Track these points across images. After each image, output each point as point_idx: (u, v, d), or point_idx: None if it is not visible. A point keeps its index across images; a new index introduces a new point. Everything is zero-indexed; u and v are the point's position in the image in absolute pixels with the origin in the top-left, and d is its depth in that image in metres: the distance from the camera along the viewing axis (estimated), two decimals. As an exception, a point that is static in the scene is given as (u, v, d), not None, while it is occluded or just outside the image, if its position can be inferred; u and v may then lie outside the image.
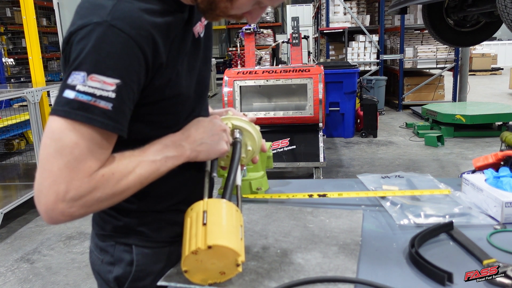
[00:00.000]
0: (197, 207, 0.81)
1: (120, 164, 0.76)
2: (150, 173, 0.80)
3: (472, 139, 5.70)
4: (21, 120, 5.26)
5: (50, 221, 0.72)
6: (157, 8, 0.78)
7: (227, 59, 13.34)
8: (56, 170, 0.70)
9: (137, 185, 0.79)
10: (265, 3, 0.83)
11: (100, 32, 0.71)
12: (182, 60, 0.85)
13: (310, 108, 4.07)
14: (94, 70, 0.70)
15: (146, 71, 0.76)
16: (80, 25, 0.72)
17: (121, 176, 0.76)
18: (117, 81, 0.71)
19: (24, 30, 4.11)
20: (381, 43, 7.97)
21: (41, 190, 0.71)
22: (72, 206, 0.71)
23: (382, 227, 1.07)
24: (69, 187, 0.70)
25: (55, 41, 10.65)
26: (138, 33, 0.73)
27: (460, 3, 3.62)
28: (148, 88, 0.79)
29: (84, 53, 0.70)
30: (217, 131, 0.90)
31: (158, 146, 0.82)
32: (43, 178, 0.71)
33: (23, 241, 3.34)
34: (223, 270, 0.78)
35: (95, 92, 0.70)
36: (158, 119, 0.85)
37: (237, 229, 0.79)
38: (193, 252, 0.74)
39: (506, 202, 1.05)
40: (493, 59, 14.62)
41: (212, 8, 0.81)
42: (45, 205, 0.70)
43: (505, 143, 4.63)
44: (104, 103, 0.71)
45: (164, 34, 0.78)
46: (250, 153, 0.99)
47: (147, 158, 0.80)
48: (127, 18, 0.73)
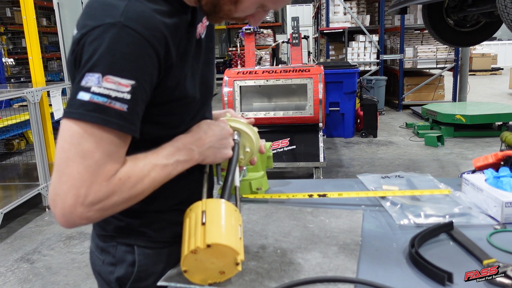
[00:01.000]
0: (196, 207, 0.81)
1: (135, 168, 0.76)
2: (163, 177, 0.80)
3: (472, 139, 5.70)
4: (21, 120, 5.26)
5: (67, 224, 0.71)
6: (165, 9, 0.78)
7: (227, 59, 13.35)
8: (76, 174, 0.69)
9: (150, 188, 0.79)
10: (268, 7, 0.82)
11: (114, 33, 0.70)
12: (187, 62, 0.85)
13: (310, 108, 4.07)
14: (109, 71, 0.69)
15: (159, 72, 0.76)
16: (93, 26, 0.71)
17: (137, 180, 0.76)
18: (132, 82, 0.71)
19: (24, 30, 4.11)
20: (381, 43, 7.97)
21: (58, 194, 0.70)
22: (90, 210, 0.71)
23: (382, 227, 1.07)
24: (89, 191, 0.70)
25: (55, 41, 10.63)
26: (152, 34, 0.73)
27: (460, 3, 3.62)
28: (159, 88, 0.79)
29: (98, 54, 0.70)
30: (226, 136, 0.91)
31: (170, 150, 0.82)
32: (62, 182, 0.70)
33: (23, 241, 3.34)
34: (222, 269, 0.78)
35: (111, 93, 0.69)
36: (165, 120, 0.85)
37: (236, 228, 0.79)
38: (192, 252, 0.74)
39: (506, 202, 1.05)
40: (493, 59, 14.62)
41: (216, 11, 0.81)
42: (63, 208, 0.70)
43: (505, 143, 4.63)
44: (120, 105, 0.70)
45: (173, 35, 0.78)
46: (248, 154, 1.00)
47: (160, 162, 0.80)
48: (141, 19, 0.72)
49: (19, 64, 9.41)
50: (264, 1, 0.81)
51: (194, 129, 0.89)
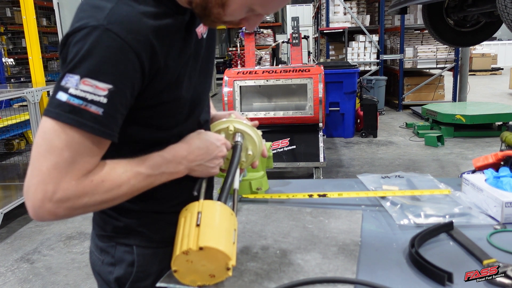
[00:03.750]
0: (192, 207, 0.81)
1: (112, 173, 0.76)
2: (144, 186, 0.81)
3: (472, 139, 5.70)
4: (21, 120, 5.25)
5: (37, 218, 0.73)
6: (156, 10, 0.78)
7: (227, 59, 13.34)
8: (45, 170, 0.70)
9: (128, 195, 0.79)
10: (258, 11, 0.81)
11: (96, 36, 0.70)
12: (184, 63, 0.84)
13: (310, 108, 4.07)
14: (87, 74, 0.70)
15: (142, 76, 0.76)
16: (77, 28, 0.72)
17: (112, 185, 0.76)
18: (109, 87, 0.71)
19: (24, 30, 4.11)
20: (381, 43, 7.97)
21: (29, 187, 0.71)
22: (59, 207, 0.72)
23: (382, 227, 1.07)
24: (57, 188, 0.71)
25: (55, 41, 10.64)
26: (135, 38, 0.73)
27: (460, 3, 3.62)
28: (147, 91, 0.78)
29: (79, 56, 0.70)
30: (218, 156, 0.90)
31: (158, 160, 0.82)
32: (32, 176, 0.71)
33: (23, 241, 3.34)
34: (213, 273, 0.77)
35: (87, 96, 0.70)
36: (156, 123, 0.85)
37: (230, 232, 0.78)
38: (184, 252, 0.74)
39: (506, 202, 1.05)
40: (493, 59, 14.62)
41: (207, 14, 0.81)
42: (33, 202, 0.71)
43: (505, 143, 4.63)
44: (95, 108, 0.71)
45: (163, 38, 0.78)
46: (250, 157, 0.99)
47: (144, 171, 0.80)
48: (124, 23, 0.72)
49: (19, 64, 9.41)
50: (253, 5, 0.80)
51: (189, 142, 0.88)
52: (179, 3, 0.82)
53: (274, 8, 0.82)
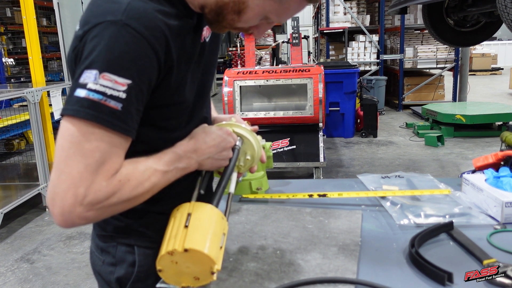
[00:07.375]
0: (183, 208, 0.81)
1: (136, 171, 0.76)
2: (163, 183, 0.81)
3: (472, 139, 5.70)
4: (21, 120, 5.25)
5: (65, 224, 0.71)
6: (169, 10, 0.78)
7: (227, 59, 13.34)
8: (76, 173, 0.69)
9: (149, 193, 0.79)
10: (272, 19, 0.82)
11: (114, 31, 0.70)
12: (189, 67, 0.84)
13: (310, 108, 4.07)
14: (106, 68, 0.69)
15: (158, 73, 0.76)
16: (95, 23, 0.71)
17: (137, 183, 0.76)
18: (128, 82, 0.70)
19: (24, 30, 4.11)
20: (381, 43, 7.97)
21: (57, 193, 0.69)
22: (90, 210, 0.70)
23: (382, 227, 1.07)
24: (88, 191, 0.70)
25: (55, 41, 10.62)
26: (152, 34, 0.72)
27: (460, 3, 3.62)
28: (159, 90, 0.78)
29: (97, 51, 0.70)
30: (226, 148, 0.90)
31: (172, 156, 0.83)
32: (61, 181, 0.69)
33: (23, 241, 3.34)
34: (197, 275, 0.76)
35: (106, 91, 0.69)
36: (163, 124, 0.85)
37: (219, 237, 0.78)
38: (169, 253, 0.74)
39: (506, 202, 1.05)
40: (493, 59, 14.62)
41: (219, 20, 0.81)
42: (62, 208, 0.69)
43: (505, 143, 4.63)
44: (114, 103, 0.70)
45: (176, 38, 0.78)
46: (248, 162, 0.99)
47: (161, 168, 0.80)
48: (142, 18, 0.72)
49: (19, 64, 9.40)
50: (268, 13, 0.80)
51: (195, 137, 0.88)
52: (190, 6, 0.82)
53: (288, 17, 0.82)
